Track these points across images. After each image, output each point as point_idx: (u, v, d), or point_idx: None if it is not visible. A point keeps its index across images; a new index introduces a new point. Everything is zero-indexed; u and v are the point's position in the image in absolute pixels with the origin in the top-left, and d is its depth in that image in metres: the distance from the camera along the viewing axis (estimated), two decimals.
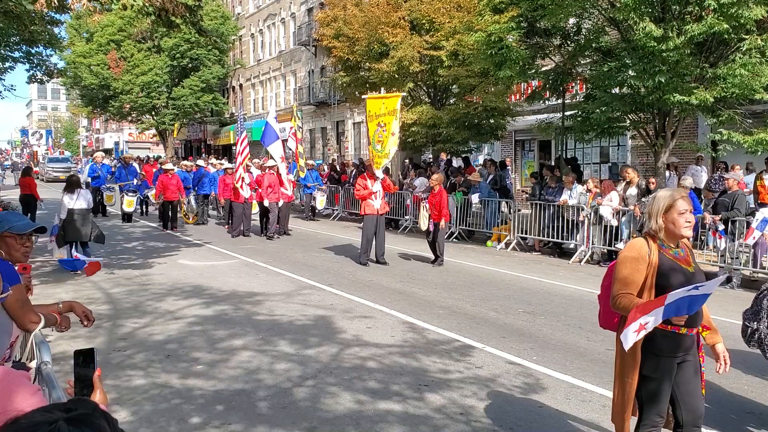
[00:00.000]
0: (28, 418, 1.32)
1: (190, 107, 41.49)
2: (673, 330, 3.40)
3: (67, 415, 1.31)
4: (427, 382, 5.71)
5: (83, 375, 2.10)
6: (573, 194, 13.58)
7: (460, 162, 20.67)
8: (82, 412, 1.34)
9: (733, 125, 12.26)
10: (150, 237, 16.05)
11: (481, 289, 10.08)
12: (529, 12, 13.47)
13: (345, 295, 9.36)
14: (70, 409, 1.34)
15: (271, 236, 15.82)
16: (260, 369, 6.04)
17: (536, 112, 18.62)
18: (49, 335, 5.93)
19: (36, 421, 1.29)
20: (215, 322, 7.74)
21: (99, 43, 39.61)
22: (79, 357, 2.12)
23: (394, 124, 11.99)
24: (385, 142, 11.95)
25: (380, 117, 12.12)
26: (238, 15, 46.27)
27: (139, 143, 62.84)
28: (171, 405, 5.15)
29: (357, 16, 19.48)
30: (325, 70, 34.13)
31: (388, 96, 12.75)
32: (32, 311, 3.46)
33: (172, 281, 10.26)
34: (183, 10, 9.82)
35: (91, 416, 1.34)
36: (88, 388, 2.07)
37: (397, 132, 12.16)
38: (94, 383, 2.08)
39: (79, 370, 2.10)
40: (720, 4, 10.38)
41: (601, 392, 5.44)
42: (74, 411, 1.34)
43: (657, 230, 3.47)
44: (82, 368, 2.10)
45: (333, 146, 36.78)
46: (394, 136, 11.95)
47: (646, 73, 11.38)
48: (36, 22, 14.54)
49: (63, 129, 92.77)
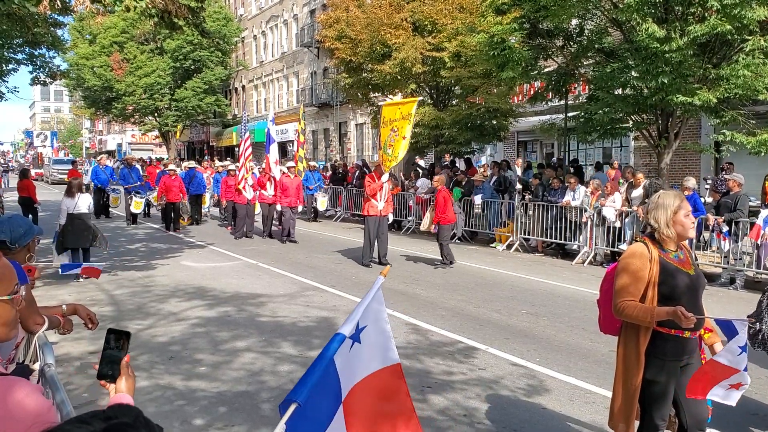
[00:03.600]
0: (62, 429, 1.22)
1: (193, 109, 41.54)
2: (678, 334, 3.40)
3: (105, 425, 1.21)
4: (431, 384, 5.70)
5: (113, 357, 1.99)
6: (576, 195, 13.57)
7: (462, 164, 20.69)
8: (122, 422, 1.24)
9: (737, 126, 12.25)
10: (153, 238, 16.07)
11: (485, 290, 10.07)
12: (531, 13, 13.46)
13: (348, 297, 9.36)
14: (110, 417, 1.24)
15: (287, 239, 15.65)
16: (263, 371, 6.04)
17: (539, 113, 18.62)
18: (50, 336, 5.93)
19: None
20: (218, 324, 7.75)
21: (102, 45, 39.71)
22: (110, 336, 2.01)
23: (407, 129, 11.95)
24: (396, 146, 11.93)
25: (394, 122, 12.09)
26: (241, 16, 46.32)
27: (141, 145, 62.88)
28: (174, 407, 5.15)
29: (359, 17, 19.50)
30: (327, 71, 34.16)
31: (404, 101, 12.69)
32: (37, 312, 3.48)
33: (175, 283, 10.27)
34: (185, 11, 9.84)
35: (130, 427, 1.23)
36: (114, 371, 1.96)
37: (409, 136, 12.12)
38: (121, 368, 1.97)
39: (109, 351, 1.99)
40: (723, 5, 10.38)
41: (605, 394, 5.42)
42: (114, 420, 1.23)
43: (669, 236, 3.47)
44: (113, 350, 2.00)
45: (335, 148, 36.80)
46: (405, 139, 11.91)
47: (649, 74, 11.38)
48: (39, 24, 14.57)
49: (66, 131, 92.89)
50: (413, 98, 13.06)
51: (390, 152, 12.02)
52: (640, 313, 3.35)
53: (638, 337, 3.45)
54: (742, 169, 13.71)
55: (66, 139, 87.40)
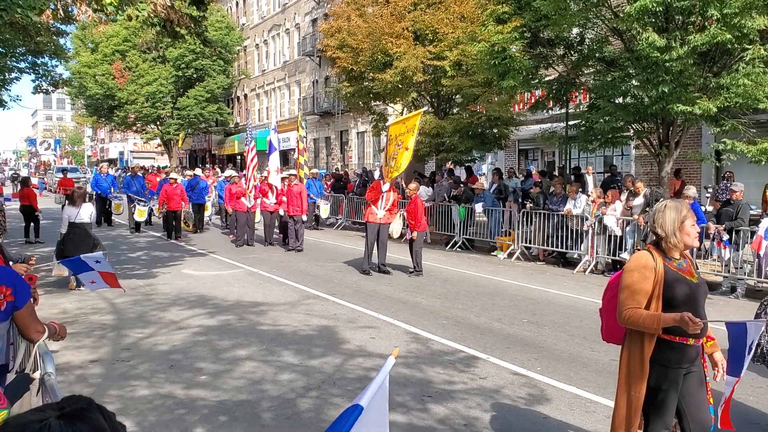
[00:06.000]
0: (18, 418, 1.28)
1: (195, 117, 41.67)
2: (681, 341, 3.41)
3: (59, 413, 1.28)
4: (431, 393, 5.69)
5: None
6: (577, 203, 13.57)
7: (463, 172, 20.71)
8: (76, 407, 1.31)
9: (737, 135, 12.26)
10: (154, 247, 16.08)
11: (485, 299, 10.06)
12: (532, 22, 13.51)
13: (349, 305, 9.36)
14: (63, 407, 1.31)
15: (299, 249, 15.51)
16: (264, 379, 6.03)
17: (540, 122, 18.65)
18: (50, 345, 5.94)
19: (26, 420, 1.26)
20: (219, 332, 7.74)
21: (104, 54, 39.90)
22: None
23: (411, 140, 11.99)
24: (399, 158, 11.96)
25: (399, 137, 12.12)
26: (243, 25, 46.49)
27: (143, 153, 63.08)
28: (175, 416, 5.15)
29: (361, 26, 19.58)
30: (329, 80, 34.25)
31: (410, 116, 12.68)
32: (38, 321, 3.53)
33: (177, 291, 10.27)
34: (188, 20, 9.89)
35: (85, 410, 1.31)
36: None
37: (412, 146, 12.16)
38: None
39: None
40: (723, 14, 10.42)
41: (606, 403, 5.41)
42: (67, 408, 1.30)
43: (675, 245, 3.49)
44: None
45: (337, 156, 36.86)
46: (408, 150, 11.95)
47: (650, 83, 11.40)
48: (42, 33, 14.62)
49: (68, 139, 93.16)
50: (417, 111, 13.03)
51: (393, 164, 12.05)
52: (646, 321, 3.36)
53: (643, 344, 3.45)
54: (743, 177, 13.72)
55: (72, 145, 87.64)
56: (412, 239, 12.29)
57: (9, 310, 3.35)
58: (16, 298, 3.35)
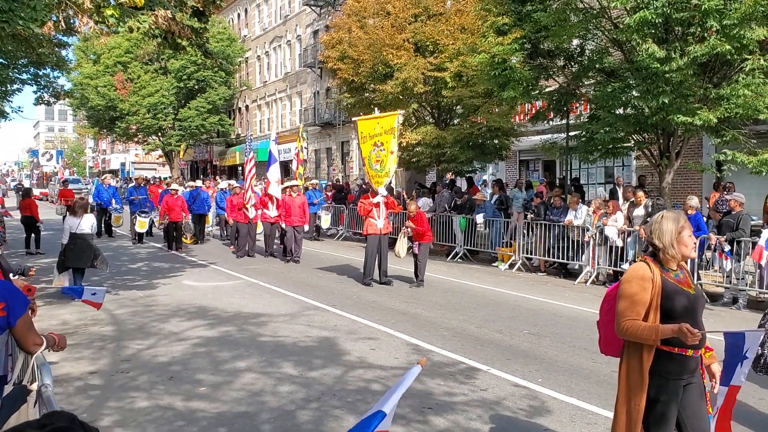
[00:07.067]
0: None
1: (197, 128, 41.76)
2: (681, 352, 3.40)
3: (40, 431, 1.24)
4: (432, 405, 5.66)
5: None
6: (578, 214, 13.56)
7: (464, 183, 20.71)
8: (58, 426, 1.27)
9: (738, 145, 12.26)
10: (155, 258, 16.07)
11: (486, 310, 10.03)
12: (532, 33, 13.55)
13: (349, 316, 9.34)
14: (44, 425, 1.27)
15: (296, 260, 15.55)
16: (264, 391, 6.01)
17: (540, 133, 18.67)
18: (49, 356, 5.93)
19: None
20: (219, 344, 7.72)
21: (106, 65, 40.02)
22: None
23: (392, 143, 11.98)
24: (384, 161, 11.96)
25: (375, 137, 12.10)
26: (245, 37, 46.69)
27: (145, 164, 63.14)
28: (174, 427, 5.12)
29: (362, 38, 19.65)
30: (330, 91, 34.34)
31: (383, 116, 12.67)
32: (36, 334, 3.51)
33: (177, 302, 10.25)
34: (189, 32, 9.92)
35: (67, 430, 1.28)
36: None
37: (396, 150, 12.15)
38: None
39: None
40: (722, 26, 10.45)
41: (607, 414, 5.38)
42: (49, 426, 1.27)
43: (673, 256, 3.48)
44: None
45: (338, 167, 36.91)
46: (393, 154, 11.95)
47: (650, 94, 11.42)
48: (44, 45, 14.70)
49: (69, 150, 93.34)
50: (393, 112, 12.90)
51: (378, 168, 12.03)
52: (644, 332, 3.35)
53: (642, 356, 3.44)
54: (744, 188, 13.71)
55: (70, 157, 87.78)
56: (415, 253, 12.24)
57: (2, 325, 3.34)
58: (9, 314, 3.33)
